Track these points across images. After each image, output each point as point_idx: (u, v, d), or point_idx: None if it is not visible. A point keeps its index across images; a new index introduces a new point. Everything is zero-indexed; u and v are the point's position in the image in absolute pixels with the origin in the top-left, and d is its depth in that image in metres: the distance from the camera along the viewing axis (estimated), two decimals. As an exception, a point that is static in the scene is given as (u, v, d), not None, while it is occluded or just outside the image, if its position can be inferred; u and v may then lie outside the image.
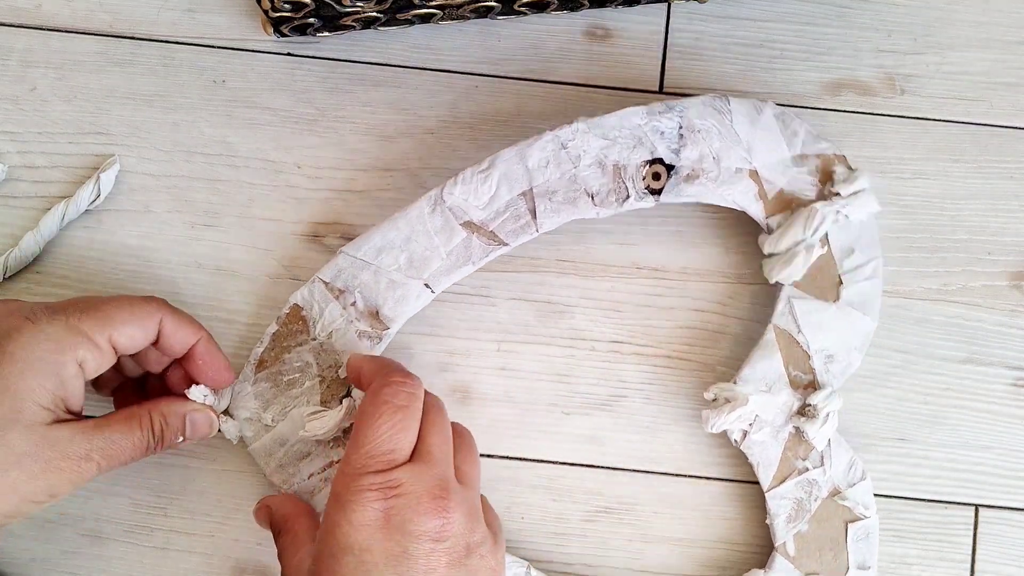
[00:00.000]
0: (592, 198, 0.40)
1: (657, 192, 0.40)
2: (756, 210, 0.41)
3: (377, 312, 0.40)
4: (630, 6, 0.44)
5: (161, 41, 0.44)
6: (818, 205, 0.40)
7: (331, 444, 0.40)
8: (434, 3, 0.41)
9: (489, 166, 0.40)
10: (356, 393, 0.40)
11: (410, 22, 0.43)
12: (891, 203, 0.44)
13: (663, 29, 0.45)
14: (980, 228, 0.44)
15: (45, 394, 0.32)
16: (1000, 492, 0.43)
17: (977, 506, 0.43)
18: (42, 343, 0.32)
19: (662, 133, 0.40)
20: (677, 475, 0.43)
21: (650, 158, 0.40)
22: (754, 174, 0.41)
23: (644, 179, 0.40)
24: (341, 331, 0.40)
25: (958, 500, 0.43)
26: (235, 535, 0.42)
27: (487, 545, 0.33)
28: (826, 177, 0.41)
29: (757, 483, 0.41)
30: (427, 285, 0.40)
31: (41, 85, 0.43)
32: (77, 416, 0.34)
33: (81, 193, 0.41)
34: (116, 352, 0.35)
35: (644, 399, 0.43)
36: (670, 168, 0.40)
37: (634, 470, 0.43)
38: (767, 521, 0.41)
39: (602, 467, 0.43)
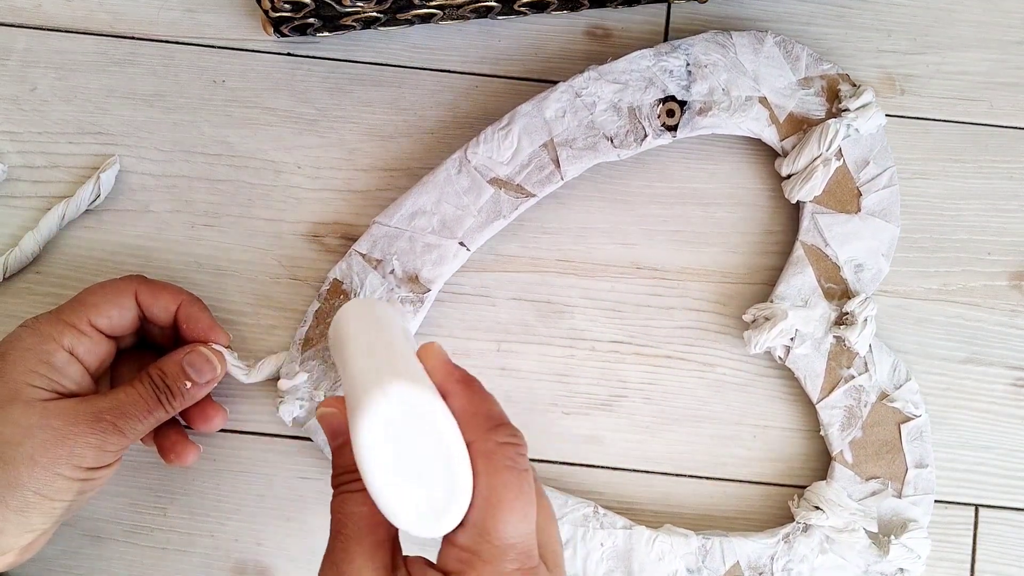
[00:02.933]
0: (611, 141, 0.41)
1: (673, 128, 0.41)
2: (770, 135, 0.42)
3: (416, 276, 0.41)
4: (630, 6, 0.44)
5: (161, 41, 0.43)
6: (830, 121, 0.41)
7: None
8: (434, 3, 0.41)
9: (508, 122, 0.41)
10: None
11: (410, 22, 0.42)
12: (891, 203, 0.44)
13: (663, 29, 0.45)
14: (980, 228, 0.44)
15: (38, 378, 0.34)
16: (1000, 492, 0.43)
17: (977, 506, 0.43)
18: (29, 338, 0.35)
19: (671, 72, 0.41)
20: (677, 475, 0.43)
21: (662, 96, 0.41)
22: (764, 101, 0.42)
23: (659, 117, 0.41)
24: (384, 299, 0.40)
25: (958, 500, 0.43)
26: (235, 535, 0.42)
27: None
28: (832, 96, 0.43)
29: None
30: (462, 243, 0.41)
31: (41, 85, 0.43)
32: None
33: (81, 193, 0.41)
34: (103, 333, 0.36)
35: (644, 399, 0.43)
36: (683, 104, 0.41)
37: (634, 470, 0.43)
38: (821, 432, 0.42)
39: (602, 467, 0.43)
